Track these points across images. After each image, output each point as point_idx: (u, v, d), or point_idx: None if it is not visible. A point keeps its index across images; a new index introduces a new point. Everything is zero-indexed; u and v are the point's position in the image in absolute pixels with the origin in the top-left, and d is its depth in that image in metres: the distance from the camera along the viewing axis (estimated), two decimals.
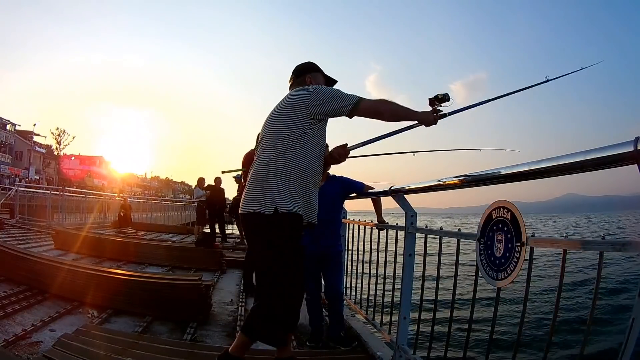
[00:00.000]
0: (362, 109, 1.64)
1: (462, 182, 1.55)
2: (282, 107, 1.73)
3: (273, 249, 1.60)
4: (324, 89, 1.71)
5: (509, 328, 5.88)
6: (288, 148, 1.62)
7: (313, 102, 1.64)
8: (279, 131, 1.66)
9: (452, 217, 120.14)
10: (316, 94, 1.66)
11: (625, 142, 0.87)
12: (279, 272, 1.59)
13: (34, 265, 3.45)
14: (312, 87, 1.72)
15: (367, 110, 1.66)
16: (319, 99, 1.65)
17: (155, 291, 3.01)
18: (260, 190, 1.61)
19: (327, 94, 1.67)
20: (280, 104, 1.75)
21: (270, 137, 1.69)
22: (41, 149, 40.42)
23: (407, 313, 2.05)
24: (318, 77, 1.85)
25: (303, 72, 1.85)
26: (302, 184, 1.63)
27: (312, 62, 1.89)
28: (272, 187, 1.59)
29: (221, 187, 8.44)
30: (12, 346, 2.14)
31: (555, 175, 1.11)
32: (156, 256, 5.32)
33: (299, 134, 1.64)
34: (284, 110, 1.70)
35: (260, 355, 2.31)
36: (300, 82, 1.83)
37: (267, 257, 1.62)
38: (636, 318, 0.93)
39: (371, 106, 1.66)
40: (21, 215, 10.01)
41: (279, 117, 1.70)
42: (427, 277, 2.07)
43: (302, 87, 1.75)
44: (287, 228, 1.59)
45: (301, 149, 1.63)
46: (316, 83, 1.81)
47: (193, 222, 11.97)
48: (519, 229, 1.29)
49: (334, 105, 1.64)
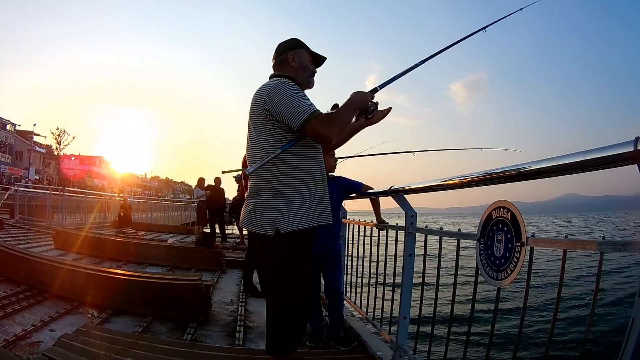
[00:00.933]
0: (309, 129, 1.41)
1: (462, 182, 1.55)
2: (250, 112, 1.56)
3: (278, 267, 1.52)
4: (278, 91, 1.47)
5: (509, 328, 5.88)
6: (276, 161, 1.46)
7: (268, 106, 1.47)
8: (259, 141, 1.50)
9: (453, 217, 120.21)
10: (270, 96, 1.47)
11: (625, 142, 0.86)
12: (284, 288, 1.53)
13: (34, 265, 3.45)
14: (269, 86, 1.51)
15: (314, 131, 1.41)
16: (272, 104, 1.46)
17: (155, 291, 3.01)
18: (259, 210, 1.50)
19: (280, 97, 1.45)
20: (250, 106, 1.57)
21: (253, 149, 1.54)
22: (41, 149, 40.43)
23: (407, 313, 2.05)
24: (302, 54, 1.62)
25: (285, 50, 1.62)
26: (305, 193, 1.49)
27: (296, 38, 1.66)
28: (271, 206, 1.47)
29: (221, 187, 8.46)
30: (12, 346, 2.14)
31: (555, 175, 1.11)
32: (156, 256, 5.32)
33: (278, 140, 1.47)
34: (252, 116, 1.54)
35: (261, 356, 2.31)
36: (282, 61, 1.62)
37: (274, 273, 1.55)
38: (636, 318, 0.93)
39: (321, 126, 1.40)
40: (21, 215, 10.01)
41: (252, 124, 1.54)
42: (427, 277, 2.07)
43: (262, 85, 1.56)
44: (290, 248, 1.48)
45: (289, 157, 1.48)
46: (300, 61, 1.61)
47: (193, 222, 11.97)
48: (519, 229, 1.29)
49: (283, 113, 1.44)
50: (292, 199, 1.47)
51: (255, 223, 1.51)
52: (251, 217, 1.53)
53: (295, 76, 1.59)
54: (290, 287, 1.52)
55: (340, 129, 1.46)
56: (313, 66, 1.66)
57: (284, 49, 1.63)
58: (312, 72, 1.65)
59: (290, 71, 1.60)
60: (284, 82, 1.51)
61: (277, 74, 1.61)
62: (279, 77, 1.56)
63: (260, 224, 1.49)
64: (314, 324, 2.59)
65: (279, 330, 1.56)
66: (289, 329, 1.55)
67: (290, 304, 1.53)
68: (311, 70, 1.65)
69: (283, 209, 1.46)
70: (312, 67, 1.65)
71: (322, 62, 1.69)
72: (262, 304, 3.51)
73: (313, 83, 1.66)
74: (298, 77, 1.59)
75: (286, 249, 1.48)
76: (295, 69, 1.61)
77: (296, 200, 1.47)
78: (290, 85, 1.49)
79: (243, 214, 1.60)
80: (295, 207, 1.47)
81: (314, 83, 1.66)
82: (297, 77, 1.59)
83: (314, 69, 1.66)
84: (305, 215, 1.48)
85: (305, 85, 1.62)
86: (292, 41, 1.65)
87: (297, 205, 1.47)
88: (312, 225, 1.50)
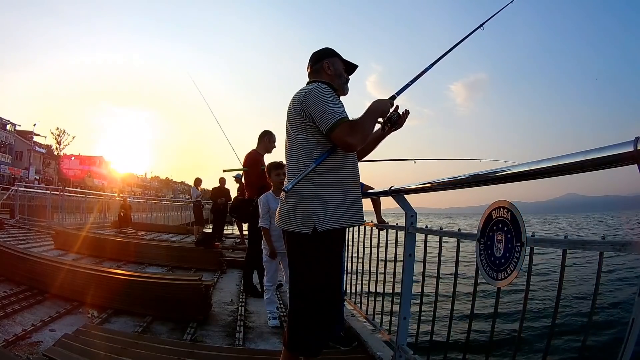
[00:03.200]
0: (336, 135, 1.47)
1: (462, 182, 1.55)
2: (288, 114, 1.63)
3: (313, 266, 1.54)
4: (315, 93, 1.53)
5: (509, 328, 5.88)
6: (317, 158, 1.52)
7: (304, 107, 1.53)
8: (297, 140, 1.56)
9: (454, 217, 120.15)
10: (307, 97, 1.53)
11: (625, 142, 0.86)
12: (316, 289, 1.54)
13: (34, 265, 3.46)
14: (308, 88, 1.58)
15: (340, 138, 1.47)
16: (307, 105, 1.52)
17: (155, 291, 3.01)
18: (297, 209, 1.53)
19: (316, 99, 1.51)
20: (288, 108, 1.64)
21: (292, 148, 1.59)
22: (41, 149, 40.46)
23: (407, 313, 2.05)
24: (336, 63, 1.70)
25: (320, 59, 1.70)
26: (342, 194, 1.54)
27: (329, 47, 1.74)
28: (310, 206, 1.51)
29: (226, 187, 8.44)
30: (12, 346, 2.14)
31: (555, 175, 1.11)
32: (156, 256, 5.32)
33: (318, 140, 1.53)
34: (290, 117, 1.60)
35: (261, 356, 2.31)
36: (318, 70, 1.70)
37: (308, 272, 1.56)
38: (636, 318, 0.93)
39: None
40: (21, 215, 10.01)
41: (290, 125, 1.60)
42: (427, 277, 2.07)
43: (302, 88, 1.64)
44: (325, 246, 1.52)
45: (328, 159, 1.53)
46: (334, 69, 1.68)
47: (193, 222, 11.98)
48: (519, 229, 1.29)
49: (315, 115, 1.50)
50: (330, 199, 1.52)
51: (293, 222, 1.54)
52: (289, 216, 1.56)
53: (331, 82, 1.64)
54: (323, 284, 1.54)
55: (363, 137, 1.52)
56: (346, 74, 1.73)
57: (319, 57, 1.71)
58: (346, 79, 1.72)
59: (326, 78, 1.66)
60: (321, 86, 1.57)
61: (313, 81, 1.66)
62: (317, 82, 1.62)
63: (298, 222, 1.52)
64: None
65: (305, 328, 1.55)
66: (317, 328, 1.55)
67: (321, 302, 1.54)
68: (345, 78, 1.72)
69: (321, 208, 1.51)
70: (345, 74, 1.72)
71: (354, 69, 1.76)
72: (262, 304, 3.52)
73: (347, 90, 1.73)
74: (334, 83, 1.65)
75: (322, 247, 1.52)
76: (331, 77, 1.68)
77: (333, 200, 1.52)
78: (327, 90, 1.56)
79: (279, 214, 1.62)
80: (332, 206, 1.52)
81: (348, 90, 1.73)
82: (334, 84, 1.64)
83: (348, 76, 1.73)
84: (342, 215, 1.53)
85: (340, 91, 1.68)
86: (326, 50, 1.73)
87: (334, 205, 1.52)
88: (348, 225, 1.57)
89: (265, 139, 4.01)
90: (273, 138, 4.05)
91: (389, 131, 1.74)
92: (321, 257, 1.54)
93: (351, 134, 1.47)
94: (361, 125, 1.52)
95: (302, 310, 1.58)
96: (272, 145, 4.04)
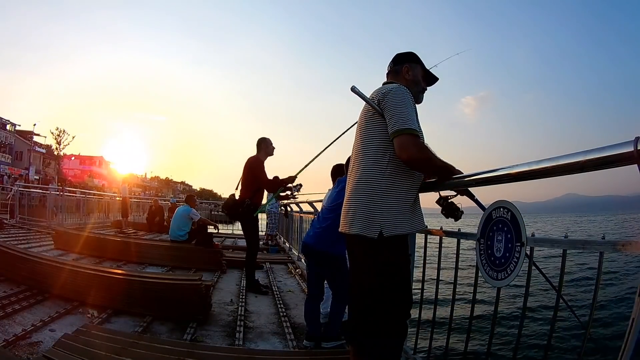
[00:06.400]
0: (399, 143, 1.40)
1: (462, 182, 1.55)
2: (363, 110, 1.57)
3: (381, 272, 1.45)
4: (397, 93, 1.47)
5: (509, 328, 5.88)
6: (390, 159, 1.45)
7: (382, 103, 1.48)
8: (374, 138, 1.50)
9: None
10: (388, 94, 1.48)
11: (625, 142, 0.86)
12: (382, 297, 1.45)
13: (34, 265, 3.45)
14: (390, 86, 1.52)
15: None
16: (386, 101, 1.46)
17: (155, 291, 3.01)
18: (363, 210, 1.46)
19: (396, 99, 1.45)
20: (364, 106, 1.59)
21: (366, 146, 1.53)
22: (41, 149, 40.42)
23: None
24: (416, 69, 1.65)
25: (401, 61, 1.65)
26: (408, 199, 1.47)
27: (413, 52, 1.69)
28: (378, 207, 1.44)
29: None
30: (12, 346, 2.14)
31: (555, 175, 1.11)
32: (156, 256, 5.32)
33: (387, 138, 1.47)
34: (370, 112, 1.53)
35: (261, 356, 2.31)
36: (397, 71, 1.65)
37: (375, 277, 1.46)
38: (636, 318, 0.93)
39: None
40: (21, 215, 10.01)
41: (370, 121, 1.54)
42: (427, 276, 2.07)
43: (383, 86, 1.58)
44: (393, 252, 1.45)
45: (397, 164, 1.46)
46: (413, 75, 1.64)
47: None
48: (519, 229, 1.29)
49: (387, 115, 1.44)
50: (398, 205, 1.45)
51: (358, 225, 1.47)
52: (353, 219, 1.49)
53: (408, 87, 1.57)
54: (393, 291, 1.46)
55: (423, 162, 1.44)
56: (425, 83, 1.68)
57: (401, 60, 1.66)
58: (422, 88, 1.67)
59: (403, 82, 1.60)
60: (403, 89, 1.51)
61: (391, 82, 1.62)
62: (397, 84, 1.56)
63: (364, 226, 1.45)
64: (313, 323, 2.59)
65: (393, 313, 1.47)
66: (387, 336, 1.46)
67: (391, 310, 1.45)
68: (422, 87, 1.67)
69: (389, 213, 1.44)
70: (423, 83, 1.68)
71: (434, 81, 1.71)
72: (262, 304, 3.53)
73: (422, 99, 1.68)
74: (410, 89, 1.58)
75: (390, 253, 1.45)
76: (408, 82, 1.62)
77: (401, 205, 1.46)
78: (408, 94, 1.50)
79: (343, 216, 1.57)
80: (399, 212, 1.45)
81: (422, 99, 1.68)
82: (410, 90, 1.57)
83: (425, 86, 1.68)
84: (408, 221, 1.47)
85: (415, 99, 1.61)
86: (409, 54, 1.68)
87: (402, 210, 1.46)
88: (413, 231, 1.50)
89: (263, 145, 4.17)
90: (270, 142, 4.22)
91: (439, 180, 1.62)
92: (390, 265, 1.45)
93: (416, 148, 1.39)
94: (430, 154, 1.46)
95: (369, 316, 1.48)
96: (271, 148, 4.21)
